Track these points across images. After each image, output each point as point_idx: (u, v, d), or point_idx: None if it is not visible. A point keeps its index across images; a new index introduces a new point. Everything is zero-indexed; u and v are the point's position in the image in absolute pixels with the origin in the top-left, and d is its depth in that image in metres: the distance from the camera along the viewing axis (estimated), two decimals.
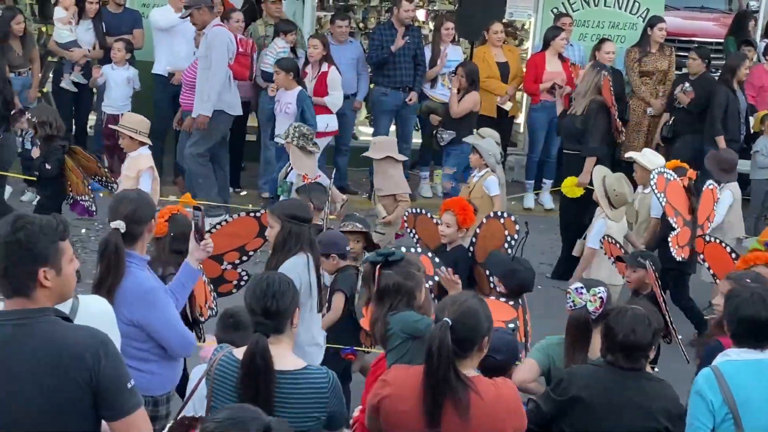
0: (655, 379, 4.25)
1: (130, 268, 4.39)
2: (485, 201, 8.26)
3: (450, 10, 13.46)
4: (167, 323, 4.44)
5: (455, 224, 6.82)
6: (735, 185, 8.75)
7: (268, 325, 3.74)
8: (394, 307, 4.37)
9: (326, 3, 13.92)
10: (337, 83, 10.46)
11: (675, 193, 7.87)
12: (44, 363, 3.05)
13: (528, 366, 4.77)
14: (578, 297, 4.73)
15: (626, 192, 7.89)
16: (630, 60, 11.64)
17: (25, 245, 3.08)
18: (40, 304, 3.12)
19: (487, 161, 8.38)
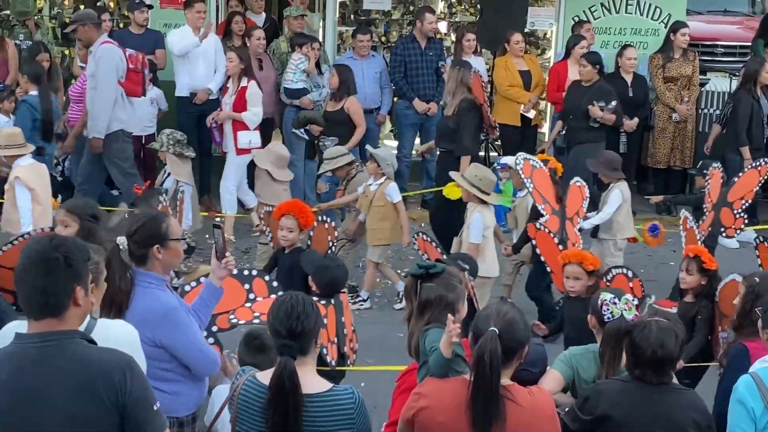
0: (682, 391, 4.19)
1: (150, 288, 4.37)
2: (388, 208, 8.45)
3: (471, 22, 13.46)
4: (190, 343, 4.41)
5: (296, 227, 6.85)
6: (625, 185, 8.74)
7: (294, 347, 3.71)
8: (433, 319, 4.35)
9: (347, 18, 13.95)
10: (256, 99, 10.07)
11: (542, 180, 7.93)
12: (71, 385, 3.04)
13: (552, 377, 4.72)
14: (615, 308, 4.70)
15: (487, 173, 7.95)
16: (653, 66, 11.59)
17: (67, 262, 3.08)
18: (68, 324, 3.12)
19: (385, 170, 8.48)
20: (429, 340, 4.23)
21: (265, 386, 3.74)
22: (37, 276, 3.07)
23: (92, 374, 3.06)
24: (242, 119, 10.01)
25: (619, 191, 8.58)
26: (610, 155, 8.94)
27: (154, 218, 4.51)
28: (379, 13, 14.22)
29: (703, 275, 6.24)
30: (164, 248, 4.42)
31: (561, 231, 7.81)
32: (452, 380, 3.84)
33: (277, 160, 8.81)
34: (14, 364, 3.08)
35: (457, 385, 3.79)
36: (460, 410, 3.69)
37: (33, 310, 3.12)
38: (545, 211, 7.84)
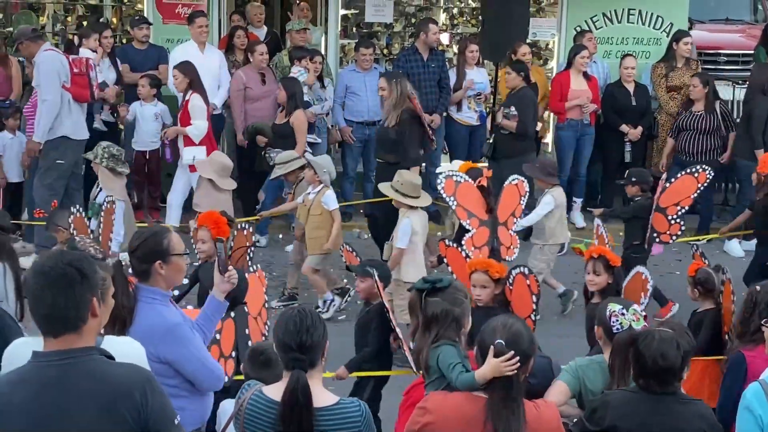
0: (689, 401, 4.18)
1: (153, 304, 4.36)
2: (325, 216, 8.48)
3: (473, 33, 13.47)
4: (194, 358, 4.40)
5: (210, 239, 6.83)
6: (559, 191, 8.80)
7: (305, 360, 3.70)
8: (441, 335, 4.33)
9: (350, 30, 13.98)
10: (200, 112, 9.96)
11: (467, 194, 7.87)
12: (93, 405, 3.02)
13: (558, 389, 4.71)
14: (624, 318, 4.69)
15: (411, 177, 8.03)
16: (656, 75, 11.59)
17: (81, 275, 3.08)
18: (86, 339, 3.11)
19: (321, 177, 8.51)
20: (443, 358, 4.21)
21: (272, 401, 3.73)
22: (57, 293, 3.05)
23: (113, 392, 3.04)
24: (186, 133, 9.97)
25: (552, 196, 8.67)
26: (546, 160, 9.04)
27: (155, 234, 4.50)
28: (381, 26, 14.23)
29: (609, 274, 6.24)
30: (166, 263, 4.42)
31: (492, 240, 7.85)
32: (457, 395, 3.84)
33: (221, 170, 8.79)
34: (33, 385, 3.06)
35: (461, 399, 3.79)
36: (466, 425, 3.70)
37: (52, 328, 3.09)
38: (471, 226, 7.81)
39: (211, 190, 8.65)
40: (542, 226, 8.57)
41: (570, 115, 11.19)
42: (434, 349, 4.29)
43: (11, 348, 3.72)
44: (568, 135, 11.31)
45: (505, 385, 3.69)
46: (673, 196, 8.53)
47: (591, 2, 12.40)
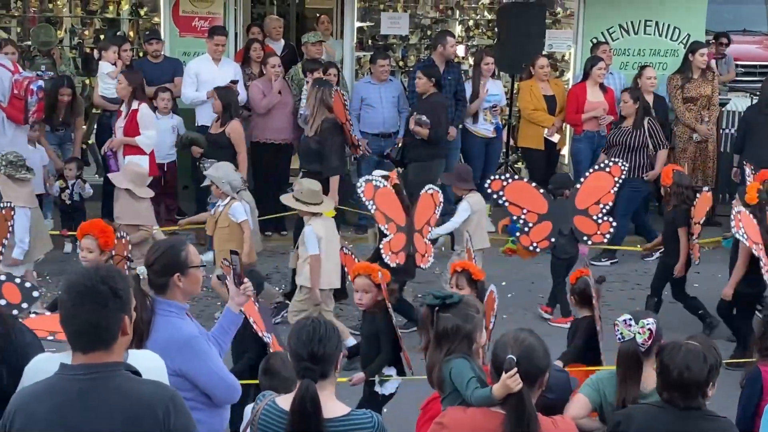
0: (714, 417, 4.09)
1: (170, 317, 4.35)
2: (233, 228, 8.38)
3: (489, 45, 13.47)
4: (210, 371, 4.39)
5: (96, 248, 6.77)
6: (476, 197, 8.81)
7: (316, 371, 3.69)
8: (452, 350, 4.31)
9: (365, 43, 13.99)
10: (148, 121, 9.87)
11: (386, 199, 7.97)
12: (116, 418, 3.01)
13: (579, 402, 4.67)
14: (626, 329, 4.63)
15: (310, 185, 8.04)
16: (672, 87, 11.55)
17: (115, 293, 3.07)
18: (115, 355, 3.10)
19: (223, 189, 8.42)
20: (456, 371, 4.19)
21: (284, 411, 3.72)
22: (91, 311, 3.05)
23: (136, 409, 3.03)
24: (136, 143, 9.87)
25: (468, 203, 8.69)
26: (461, 167, 9.07)
27: (172, 246, 4.50)
28: (397, 38, 14.25)
29: (473, 288, 6.19)
30: (184, 276, 4.41)
31: (408, 245, 7.95)
32: (474, 411, 3.82)
33: (137, 178, 8.66)
34: (57, 397, 3.05)
35: (478, 415, 3.78)
36: None
37: (83, 345, 3.09)
38: (389, 231, 7.90)
39: (129, 200, 8.51)
40: (461, 232, 8.61)
41: (586, 126, 11.15)
42: (446, 362, 4.27)
43: (32, 364, 3.71)
44: (585, 147, 11.27)
45: (518, 401, 3.66)
46: (589, 196, 8.56)
47: (608, 14, 12.38)
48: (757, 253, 7.50)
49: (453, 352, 4.29)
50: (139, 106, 9.83)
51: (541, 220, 8.58)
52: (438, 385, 4.35)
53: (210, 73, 10.78)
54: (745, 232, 7.42)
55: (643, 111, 10.38)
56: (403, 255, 8.01)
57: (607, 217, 8.59)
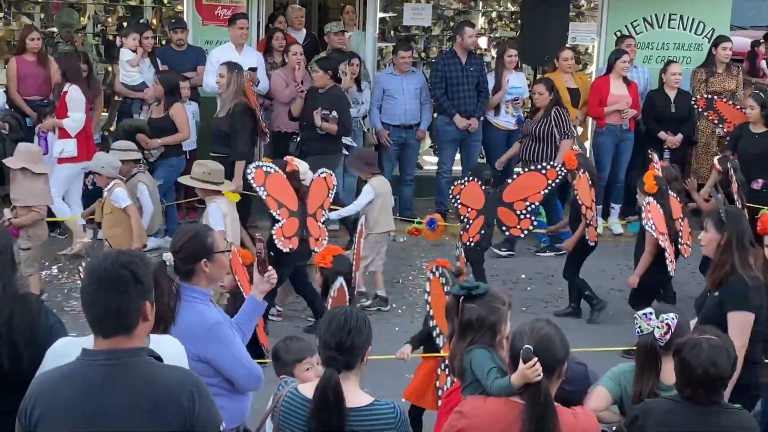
0: (733, 411, 4.06)
1: (194, 303, 4.36)
2: (117, 214, 8.29)
3: (512, 37, 13.43)
4: (234, 358, 4.40)
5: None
6: (378, 180, 8.87)
7: (340, 361, 3.70)
8: (476, 341, 4.30)
9: (387, 34, 13.97)
10: (77, 104, 9.80)
11: (277, 185, 7.97)
12: (139, 404, 3.00)
13: (599, 394, 4.65)
14: (646, 323, 4.60)
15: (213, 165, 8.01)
16: (696, 81, 11.50)
17: (136, 279, 3.06)
18: (137, 340, 3.10)
19: (104, 173, 8.33)
20: (476, 361, 4.18)
21: (306, 399, 3.73)
22: (110, 297, 3.04)
23: (160, 396, 3.02)
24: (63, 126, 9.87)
25: (371, 186, 8.74)
26: (364, 151, 9.17)
27: (198, 232, 4.50)
28: (419, 29, 14.23)
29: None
30: (211, 261, 4.42)
31: (301, 230, 7.98)
32: (494, 400, 3.81)
33: (30, 156, 8.56)
34: (80, 382, 3.05)
35: (498, 405, 3.77)
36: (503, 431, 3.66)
37: (104, 330, 3.08)
38: (281, 216, 7.90)
39: (25, 180, 8.39)
40: (366, 215, 8.67)
41: (609, 120, 11.10)
42: (468, 352, 4.26)
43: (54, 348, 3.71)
44: (607, 140, 11.23)
45: (535, 391, 3.65)
46: (518, 192, 8.64)
47: (632, 7, 12.31)
48: (663, 243, 7.59)
49: (476, 343, 4.28)
50: (69, 87, 9.84)
51: (478, 215, 8.73)
52: (459, 375, 4.34)
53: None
54: (653, 222, 7.47)
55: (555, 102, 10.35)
56: (296, 240, 7.95)
57: (530, 215, 8.69)
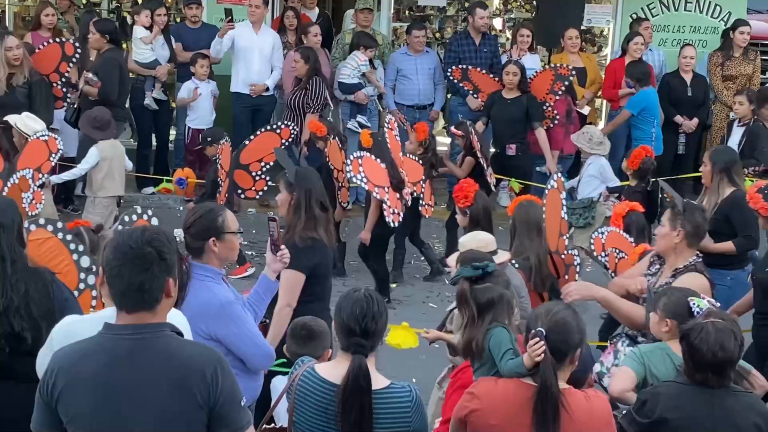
0: (742, 394, 4.07)
1: (206, 281, 4.35)
2: None
3: (527, 19, 13.38)
4: (245, 337, 4.40)
5: None
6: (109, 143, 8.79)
7: (366, 346, 3.69)
8: (496, 318, 4.29)
9: (402, 14, 13.93)
10: None
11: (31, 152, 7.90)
12: (163, 379, 3.02)
13: (625, 374, 4.59)
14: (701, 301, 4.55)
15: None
16: (712, 64, 11.44)
17: (161, 256, 3.08)
18: (159, 316, 3.12)
19: None
20: (495, 340, 4.16)
21: (324, 380, 3.72)
22: (133, 272, 3.05)
23: (185, 370, 3.04)
24: None
25: (97, 149, 8.71)
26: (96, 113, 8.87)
27: (210, 211, 4.49)
28: (434, 10, 14.18)
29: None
30: (220, 241, 4.40)
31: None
32: (507, 382, 3.81)
33: None
34: (104, 357, 3.06)
35: (510, 387, 3.77)
36: (514, 413, 3.67)
37: (127, 304, 3.10)
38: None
39: None
40: (90, 178, 8.73)
41: (623, 103, 11.05)
42: (489, 331, 4.24)
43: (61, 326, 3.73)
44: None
45: (543, 373, 3.64)
46: (254, 153, 8.54)
47: None
48: (380, 196, 7.55)
49: (496, 320, 4.26)
50: None
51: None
52: (478, 355, 4.32)
53: (249, 40, 10.79)
54: (365, 176, 7.36)
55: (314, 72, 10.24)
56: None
57: (265, 176, 8.56)
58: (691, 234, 5.26)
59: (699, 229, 5.31)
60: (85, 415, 3.04)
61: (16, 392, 3.90)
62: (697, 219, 5.29)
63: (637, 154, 8.29)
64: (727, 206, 6.59)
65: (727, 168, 6.66)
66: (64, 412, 3.06)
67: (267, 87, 10.88)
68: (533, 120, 9.93)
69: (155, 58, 10.84)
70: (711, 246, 6.34)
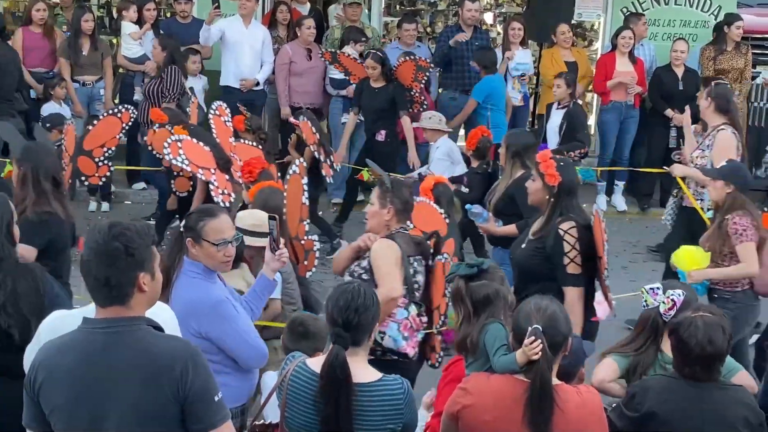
0: (730, 388, 4.10)
1: (197, 279, 4.34)
2: None
3: (518, 13, 13.36)
4: (237, 335, 4.37)
5: None
6: None
7: (347, 338, 3.69)
8: (493, 314, 4.29)
9: (393, 8, 13.91)
10: None
11: None
12: (136, 373, 3.04)
13: (608, 366, 4.65)
14: (652, 297, 4.61)
15: None
16: (704, 58, 11.46)
17: (127, 252, 3.06)
18: (135, 311, 3.12)
19: None
20: (490, 336, 4.16)
21: (314, 373, 3.72)
22: (99, 267, 3.06)
23: (156, 365, 3.05)
24: None
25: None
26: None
27: (200, 211, 4.49)
28: (425, 4, 14.15)
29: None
30: (197, 244, 4.36)
31: None
32: (499, 378, 3.82)
33: None
34: (81, 350, 3.08)
35: (502, 383, 3.78)
36: (507, 409, 3.69)
37: (98, 299, 3.12)
38: None
39: None
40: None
41: (614, 96, 11.08)
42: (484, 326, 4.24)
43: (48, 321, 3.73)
44: (612, 117, 11.22)
45: (540, 371, 3.66)
46: (97, 139, 8.31)
47: None
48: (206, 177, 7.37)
49: (493, 316, 4.27)
50: None
51: None
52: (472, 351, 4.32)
53: (239, 34, 10.77)
54: (186, 158, 7.28)
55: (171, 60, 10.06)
56: None
57: (107, 162, 8.37)
58: (400, 210, 5.24)
59: (407, 204, 5.31)
60: (62, 408, 3.07)
61: (9, 389, 3.90)
62: (404, 195, 5.27)
63: (473, 135, 8.43)
64: (513, 188, 6.76)
65: (518, 152, 6.80)
66: (45, 405, 3.10)
67: (257, 82, 10.86)
68: (399, 108, 9.88)
69: (144, 53, 10.82)
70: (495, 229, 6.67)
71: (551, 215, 5.45)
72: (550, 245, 5.35)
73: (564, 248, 5.29)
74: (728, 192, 6.08)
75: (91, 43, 10.61)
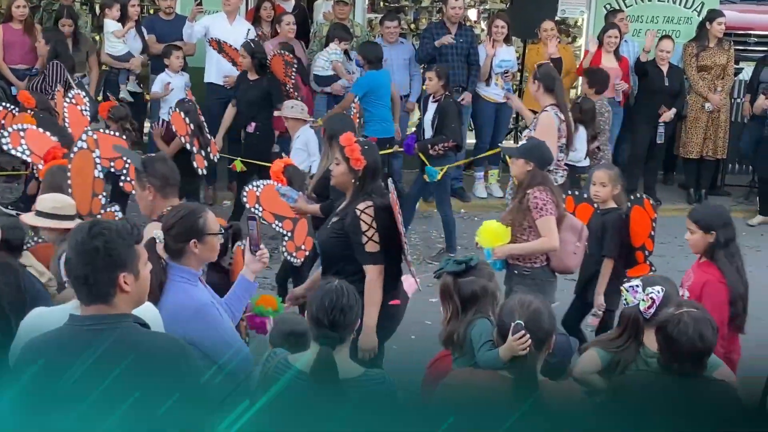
0: (713, 381, 4.09)
1: (181, 283, 4.29)
2: None
3: (502, 9, 13.37)
4: (222, 339, 4.32)
5: None
6: None
7: (335, 338, 3.69)
8: (480, 311, 4.29)
9: (377, 5, 13.90)
10: None
11: None
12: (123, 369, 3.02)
13: (589, 358, 4.67)
14: (632, 296, 4.63)
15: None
16: (687, 55, 11.49)
17: (105, 251, 3.06)
18: (119, 309, 3.11)
19: None
20: (476, 332, 4.17)
21: (297, 369, 3.71)
22: (78, 266, 3.07)
23: (144, 361, 3.04)
24: None
25: None
26: None
27: (191, 212, 4.40)
28: (409, 1, 14.15)
29: None
30: (201, 243, 4.33)
31: None
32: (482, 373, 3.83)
33: None
34: (68, 347, 3.07)
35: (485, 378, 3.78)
36: None
37: (81, 298, 3.13)
38: None
39: None
40: None
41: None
42: (471, 322, 4.25)
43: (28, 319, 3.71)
44: None
45: (522, 365, 3.67)
46: None
47: None
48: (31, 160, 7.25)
49: (480, 313, 4.27)
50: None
51: None
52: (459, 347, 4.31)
53: (223, 30, 10.73)
54: (28, 147, 7.17)
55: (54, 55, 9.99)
56: None
57: None
58: (161, 186, 5.05)
59: (167, 178, 5.09)
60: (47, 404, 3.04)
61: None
62: (160, 170, 5.08)
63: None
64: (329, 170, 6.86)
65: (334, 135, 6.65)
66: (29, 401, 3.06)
67: None
68: (275, 101, 9.79)
69: (128, 50, 10.77)
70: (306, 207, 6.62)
71: (354, 197, 5.49)
72: (347, 224, 5.40)
73: (361, 227, 5.33)
74: (528, 170, 6.16)
75: (74, 43, 10.55)
